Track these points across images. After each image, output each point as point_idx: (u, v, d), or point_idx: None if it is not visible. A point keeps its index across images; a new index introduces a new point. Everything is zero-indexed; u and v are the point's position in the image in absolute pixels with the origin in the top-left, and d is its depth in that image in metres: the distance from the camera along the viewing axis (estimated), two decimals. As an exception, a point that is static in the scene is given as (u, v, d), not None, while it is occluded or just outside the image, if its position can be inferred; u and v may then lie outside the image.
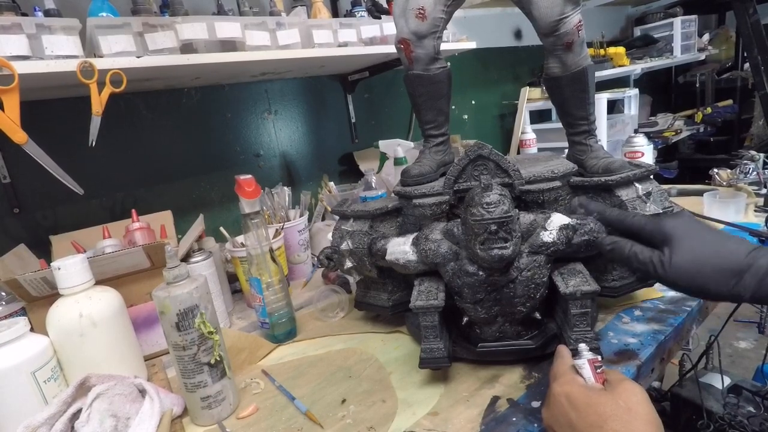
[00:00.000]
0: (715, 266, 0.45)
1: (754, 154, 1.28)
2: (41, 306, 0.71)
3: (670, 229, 0.48)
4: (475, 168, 0.63)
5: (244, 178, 0.78)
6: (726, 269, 0.44)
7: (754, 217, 1.01)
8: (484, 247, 0.55)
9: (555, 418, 0.44)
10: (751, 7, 1.45)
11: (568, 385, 0.44)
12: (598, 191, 0.68)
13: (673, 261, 0.47)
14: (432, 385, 0.61)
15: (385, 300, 0.77)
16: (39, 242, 1.00)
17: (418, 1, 0.71)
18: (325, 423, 0.57)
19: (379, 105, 1.69)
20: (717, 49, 3.00)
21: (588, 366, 0.46)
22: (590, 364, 0.46)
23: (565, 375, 0.46)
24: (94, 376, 0.58)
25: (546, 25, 0.69)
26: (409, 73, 0.76)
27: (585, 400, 0.42)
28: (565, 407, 0.43)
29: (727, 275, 0.44)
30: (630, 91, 2.18)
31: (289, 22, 1.04)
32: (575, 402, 0.42)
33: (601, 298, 0.69)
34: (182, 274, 0.59)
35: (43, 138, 0.74)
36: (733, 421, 1.05)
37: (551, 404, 0.45)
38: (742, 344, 2.02)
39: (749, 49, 1.48)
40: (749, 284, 0.43)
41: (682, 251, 0.47)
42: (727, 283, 0.44)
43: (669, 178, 2.64)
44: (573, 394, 0.43)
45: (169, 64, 0.87)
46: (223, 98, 1.30)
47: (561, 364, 0.49)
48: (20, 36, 0.74)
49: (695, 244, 0.47)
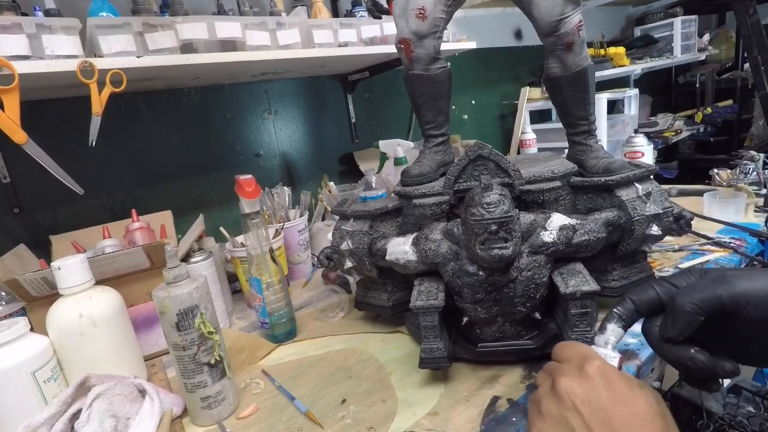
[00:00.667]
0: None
1: (754, 154, 1.28)
2: (41, 306, 0.71)
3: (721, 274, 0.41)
4: (475, 168, 0.63)
5: (244, 178, 0.78)
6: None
7: (754, 217, 1.01)
8: (484, 247, 0.55)
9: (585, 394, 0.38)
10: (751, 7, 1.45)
11: (609, 366, 0.39)
12: (598, 191, 0.68)
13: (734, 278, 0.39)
14: (432, 385, 0.61)
15: (385, 300, 0.77)
16: (39, 242, 1.00)
17: (418, 1, 0.71)
18: (325, 423, 0.57)
19: (379, 105, 1.69)
20: (717, 49, 2.99)
21: (618, 363, 0.44)
22: (620, 363, 0.44)
23: (598, 357, 0.40)
24: (94, 376, 0.58)
25: (546, 25, 0.69)
26: (409, 73, 0.76)
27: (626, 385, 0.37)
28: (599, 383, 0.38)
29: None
30: (630, 91, 2.18)
31: (290, 22, 1.04)
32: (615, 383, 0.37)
33: (601, 298, 0.68)
34: (182, 274, 0.59)
35: (43, 138, 0.74)
36: (733, 421, 1.05)
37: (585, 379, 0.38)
38: (742, 344, 2.02)
39: (749, 49, 1.48)
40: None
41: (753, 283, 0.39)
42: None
43: (669, 178, 2.63)
44: (612, 374, 0.38)
45: (169, 64, 0.87)
46: (223, 98, 1.30)
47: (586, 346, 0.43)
48: (20, 36, 0.74)
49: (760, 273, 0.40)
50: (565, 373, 0.41)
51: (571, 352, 0.42)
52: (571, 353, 0.42)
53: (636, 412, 0.35)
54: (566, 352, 0.43)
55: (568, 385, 0.39)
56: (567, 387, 0.39)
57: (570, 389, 0.39)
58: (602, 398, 0.37)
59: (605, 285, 0.69)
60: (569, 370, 0.40)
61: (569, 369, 0.41)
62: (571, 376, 0.40)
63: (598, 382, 0.38)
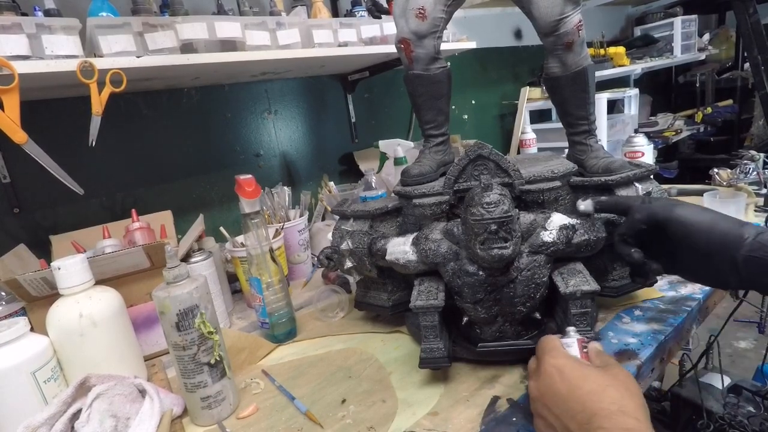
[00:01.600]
0: (720, 214, 0.49)
1: (754, 154, 1.28)
2: (41, 306, 0.71)
3: (669, 201, 0.53)
4: (475, 168, 0.63)
5: (244, 178, 0.78)
6: (730, 218, 0.48)
7: (754, 217, 1.01)
8: (484, 247, 0.55)
9: (544, 390, 0.44)
10: (751, 7, 1.45)
11: (562, 359, 0.45)
12: (598, 191, 0.68)
13: (681, 205, 0.51)
14: (432, 385, 0.61)
15: (385, 300, 0.77)
16: (39, 242, 1.00)
17: (418, 1, 0.71)
18: (325, 423, 0.57)
19: (379, 105, 1.69)
20: (717, 49, 2.99)
21: (576, 345, 0.48)
22: (578, 344, 0.48)
23: (556, 349, 0.47)
24: (94, 376, 0.58)
25: (546, 25, 0.69)
26: (409, 73, 0.76)
27: (579, 373, 0.43)
28: (556, 379, 0.44)
29: (731, 220, 0.48)
30: (630, 91, 2.18)
31: (289, 22, 1.04)
32: (568, 374, 0.43)
33: (601, 298, 0.69)
34: (182, 274, 0.59)
35: (43, 138, 0.74)
36: (733, 421, 1.05)
37: (542, 376, 0.45)
38: (742, 344, 2.02)
39: (749, 49, 1.48)
40: (750, 231, 0.46)
41: (686, 211, 0.51)
42: (731, 222, 0.48)
43: (669, 178, 2.64)
44: (566, 367, 0.44)
45: (169, 63, 0.87)
46: (223, 98, 1.30)
47: (549, 340, 0.49)
48: (20, 36, 0.74)
49: (696, 209, 0.51)
50: (531, 373, 0.49)
51: (537, 350, 0.50)
52: (537, 351, 0.50)
53: (590, 390, 0.41)
54: (536, 350, 0.50)
55: (533, 386, 0.47)
56: (532, 388, 0.47)
57: (534, 390, 0.46)
58: (560, 391, 0.43)
59: (605, 285, 0.69)
60: (533, 371, 0.48)
61: (533, 369, 0.49)
62: (533, 377, 0.47)
63: (554, 377, 0.44)
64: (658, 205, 0.53)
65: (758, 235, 0.46)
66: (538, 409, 0.46)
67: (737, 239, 0.47)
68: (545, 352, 0.47)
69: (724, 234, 0.48)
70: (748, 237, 0.46)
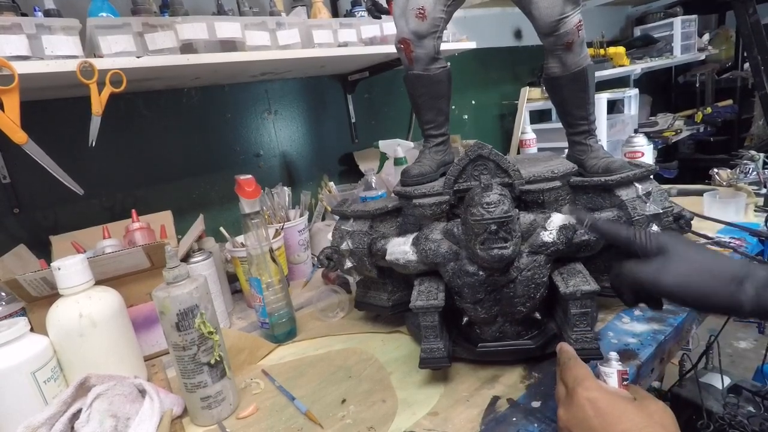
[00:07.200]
0: (715, 272, 0.43)
1: (754, 154, 1.28)
2: (41, 306, 0.71)
3: (665, 239, 0.47)
4: (475, 168, 0.63)
5: (244, 178, 0.78)
6: (726, 274, 0.42)
7: (754, 217, 1.01)
8: (484, 247, 0.55)
9: (576, 422, 0.43)
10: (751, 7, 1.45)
11: (596, 391, 0.43)
12: (598, 191, 0.68)
13: (670, 268, 0.45)
14: (432, 385, 0.61)
15: (385, 300, 0.77)
16: (39, 242, 1.00)
17: (418, 1, 0.71)
18: (325, 423, 0.57)
19: (379, 105, 1.69)
20: (717, 49, 2.99)
21: (616, 376, 0.45)
22: (619, 375, 0.45)
23: (590, 379, 0.44)
24: (94, 376, 0.58)
25: (546, 25, 0.69)
26: (409, 73, 0.76)
27: (614, 409, 0.41)
28: (588, 413, 0.42)
29: (726, 280, 0.42)
30: (630, 91, 2.18)
31: (289, 22, 1.04)
32: (603, 410, 0.41)
33: (601, 298, 0.68)
34: (182, 274, 0.59)
35: (43, 138, 0.74)
36: (733, 421, 1.05)
37: (574, 407, 0.43)
38: (742, 344, 2.02)
39: (749, 49, 1.48)
40: (749, 292, 0.41)
41: (679, 258, 0.45)
42: (727, 288, 0.42)
43: (669, 178, 2.63)
44: (600, 401, 0.42)
45: (169, 64, 0.87)
46: (223, 98, 1.30)
47: (582, 367, 0.47)
48: (20, 36, 0.74)
49: (692, 253, 0.45)
50: (560, 399, 0.46)
51: (567, 376, 0.47)
52: (567, 377, 0.47)
53: (624, 430, 0.39)
54: (564, 373, 0.47)
55: (563, 415, 0.45)
56: (561, 417, 0.45)
57: (565, 420, 0.44)
58: (593, 426, 0.41)
59: (605, 285, 0.68)
60: (562, 396, 0.46)
61: (563, 394, 0.46)
62: (563, 406, 0.45)
63: (588, 411, 0.42)
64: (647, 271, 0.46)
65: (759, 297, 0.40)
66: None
67: (737, 308, 0.42)
68: (578, 382, 0.45)
69: (720, 306, 0.43)
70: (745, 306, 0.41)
